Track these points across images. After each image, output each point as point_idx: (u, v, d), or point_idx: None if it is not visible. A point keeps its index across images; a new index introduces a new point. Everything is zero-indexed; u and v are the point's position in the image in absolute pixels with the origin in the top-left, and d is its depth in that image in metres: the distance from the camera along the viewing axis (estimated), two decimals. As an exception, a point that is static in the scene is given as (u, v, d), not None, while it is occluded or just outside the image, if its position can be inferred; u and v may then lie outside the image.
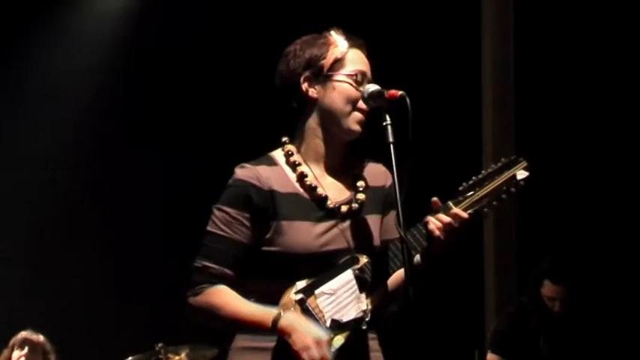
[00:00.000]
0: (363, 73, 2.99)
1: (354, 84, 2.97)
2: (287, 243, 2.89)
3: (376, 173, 3.01)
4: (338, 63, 2.99)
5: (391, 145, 2.85)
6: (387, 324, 3.05)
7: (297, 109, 3.01)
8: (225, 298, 2.91)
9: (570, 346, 5.64)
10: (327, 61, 2.99)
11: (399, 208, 2.80)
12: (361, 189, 3.01)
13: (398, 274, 2.96)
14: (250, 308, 2.89)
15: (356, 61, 2.99)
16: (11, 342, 5.70)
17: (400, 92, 2.91)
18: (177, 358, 5.60)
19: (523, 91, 6.62)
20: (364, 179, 3.04)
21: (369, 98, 2.93)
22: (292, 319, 2.83)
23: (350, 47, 3.01)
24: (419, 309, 2.73)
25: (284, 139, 3.04)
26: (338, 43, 3.01)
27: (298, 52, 3.01)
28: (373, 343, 2.98)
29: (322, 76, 2.99)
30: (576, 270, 5.84)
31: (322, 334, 2.82)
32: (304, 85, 2.99)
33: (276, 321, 2.82)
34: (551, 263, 5.73)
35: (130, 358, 5.52)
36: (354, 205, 2.98)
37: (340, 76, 2.98)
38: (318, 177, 2.98)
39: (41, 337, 5.72)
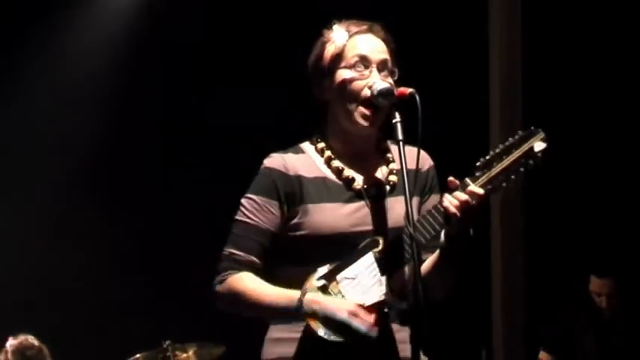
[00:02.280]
0: (365, 58, 2.97)
1: (355, 75, 2.96)
2: (315, 225, 2.90)
3: (414, 156, 2.92)
4: (336, 59, 2.98)
5: (401, 143, 2.85)
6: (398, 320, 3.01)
7: (322, 108, 3.03)
8: (249, 283, 2.92)
9: (618, 343, 5.56)
10: (326, 61, 2.99)
11: (409, 205, 2.79)
12: (394, 172, 3.00)
13: (430, 261, 2.95)
14: (274, 291, 2.90)
15: (356, 48, 2.97)
16: (4, 349, 5.50)
17: (410, 90, 2.90)
18: (184, 355, 5.61)
19: (531, 83, 6.60)
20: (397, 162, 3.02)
21: (379, 96, 2.91)
22: (318, 295, 2.84)
23: (351, 36, 2.99)
24: (429, 306, 2.71)
25: (312, 131, 3.05)
26: (335, 38, 3.00)
27: (308, 60, 3.04)
28: (404, 335, 2.97)
29: (325, 76, 3.00)
30: (624, 264, 5.72)
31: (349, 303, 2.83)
32: (315, 91, 3.02)
33: (301, 299, 2.83)
34: (596, 257, 5.66)
35: (138, 355, 5.53)
36: (385, 187, 2.98)
37: (340, 71, 2.98)
38: (346, 161, 2.99)
39: (31, 342, 5.49)
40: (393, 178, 2.99)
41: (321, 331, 2.82)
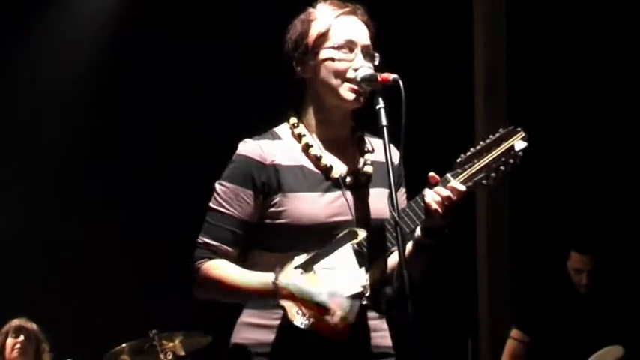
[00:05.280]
0: (351, 42, 2.95)
1: (341, 57, 2.95)
2: (294, 215, 2.87)
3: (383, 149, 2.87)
4: (322, 38, 2.94)
5: (384, 129, 2.85)
6: (381, 307, 3.03)
7: (299, 88, 3.01)
8: (224, 270, 2.90)
9: (592, 321, 5.52)
10: (311, 39, 2.96)
11: (393, 192, 2.79)
12: (369, 162, 2.99)
13: (395, 257, 2.94)
14: (250, 275, 2.87)
15: (342, 30, 2.95)
16: (4, 329, 5.72)
17: (393, 76, 2.88)
18: (171, 344, 5.62)
19: (515, 72, 6.61)
20: (373, 153, 3.02)
21: (362, 81, 2.91)
22: (291, 282, 2.80)
23: (337, 17, 2.98)
24: (414, 292, 2.71)
25: (289, 112, 3.03)
26: (321, 16, 2.98)
27: (288, 35, 3.01)
28: (379, 322, 2.97)
29: (309, 54, 2.98)
30: (603, 242, 5.72)
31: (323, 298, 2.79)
32: (297, 68, 2.99)
33: (275, 283, 2.80)
34: (577, 233, 5.63)
35: (125, 344, 5.54)
36: (361, 178, 2.98)
37: (325, 50, 2.96)
38: (323, 148, 2.98)
39: (35, 326, 5.76)
40: (369, 169, 2.98)
41: (297, 321, 2.81)
